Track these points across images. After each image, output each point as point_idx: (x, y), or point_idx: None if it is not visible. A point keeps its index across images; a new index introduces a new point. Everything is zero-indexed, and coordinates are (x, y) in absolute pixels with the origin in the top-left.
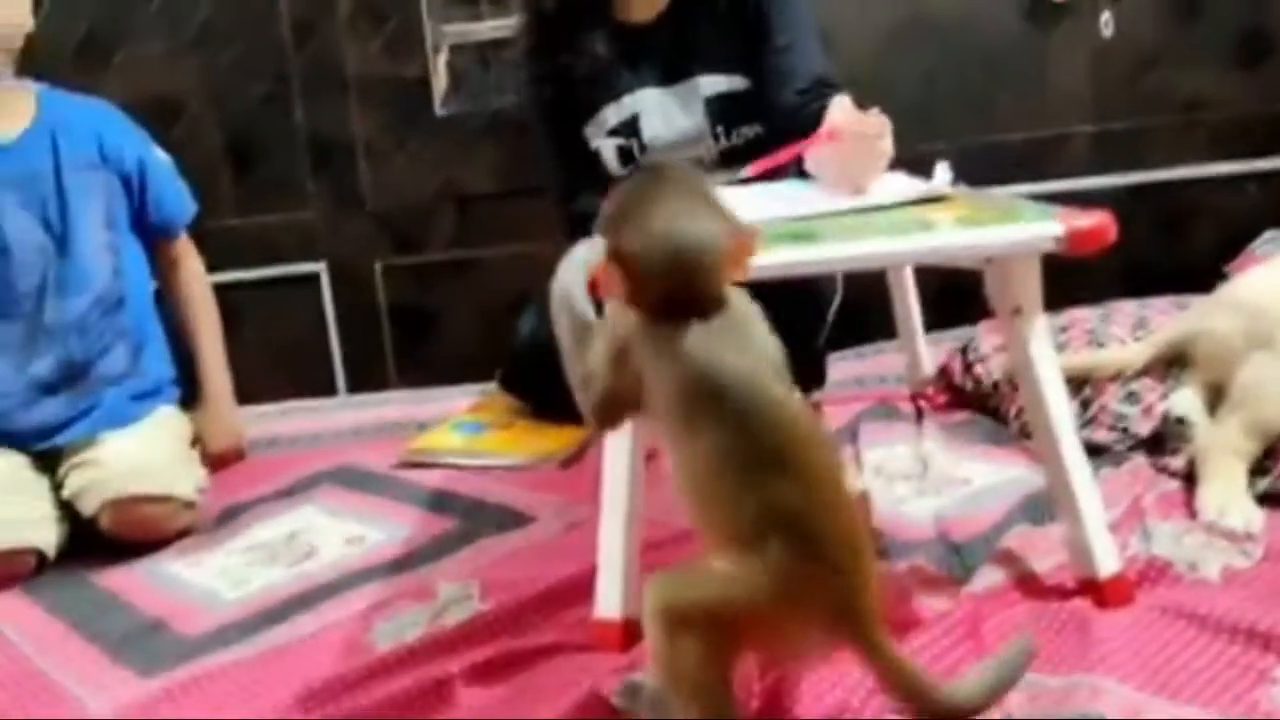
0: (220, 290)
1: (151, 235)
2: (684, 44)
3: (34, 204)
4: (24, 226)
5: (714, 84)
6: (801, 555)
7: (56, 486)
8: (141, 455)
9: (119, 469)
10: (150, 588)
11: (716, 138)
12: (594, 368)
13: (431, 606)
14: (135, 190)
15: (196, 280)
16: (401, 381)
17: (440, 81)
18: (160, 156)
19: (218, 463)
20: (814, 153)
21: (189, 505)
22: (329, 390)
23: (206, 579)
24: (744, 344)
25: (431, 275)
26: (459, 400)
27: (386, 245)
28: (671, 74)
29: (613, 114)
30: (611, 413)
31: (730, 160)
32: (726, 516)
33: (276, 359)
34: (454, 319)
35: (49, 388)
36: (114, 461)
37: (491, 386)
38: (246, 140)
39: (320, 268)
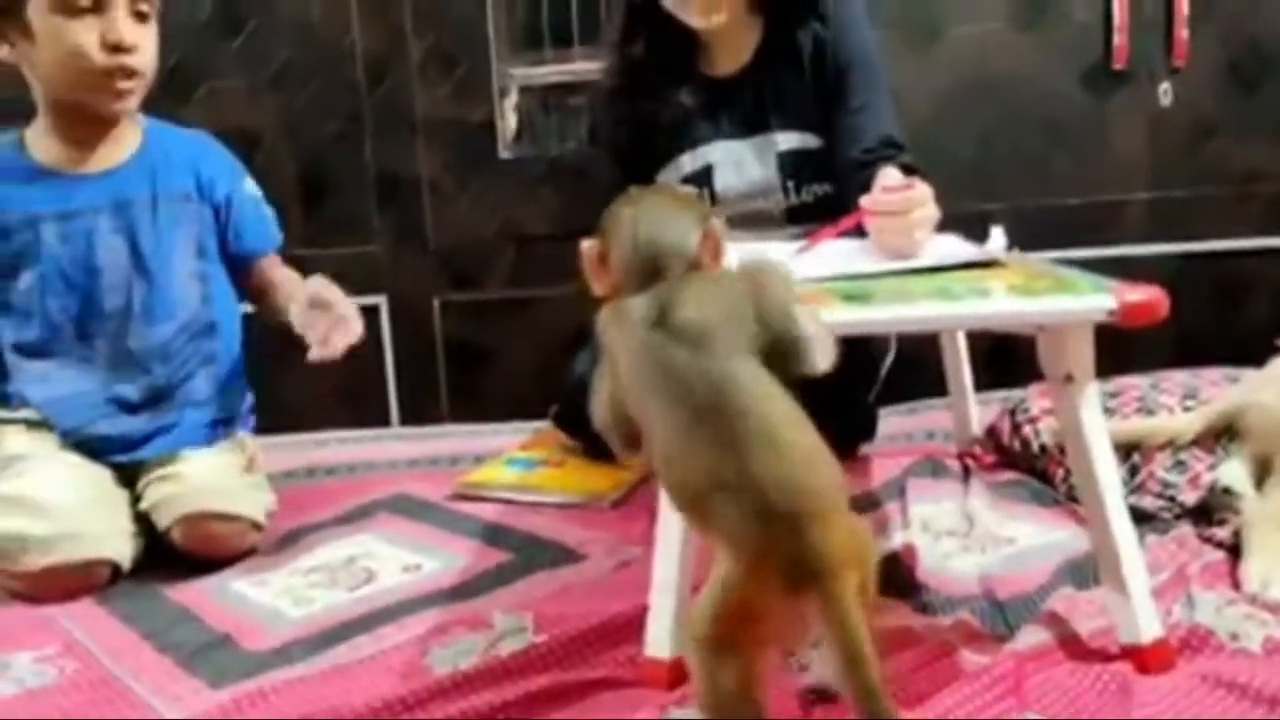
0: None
1: (237, 264)
2: (763, 99)
3: (127, 230)
4: (115, 250)
5: (789, 140)
6: (748, 518)
7: (134, 500)
8: (217, 475)
9: (195, 486)
10: (217, 603)
11: (786, 193)
12: (597, 384)
13: (486, 636)
14: (223, 221)
15: (291, 277)
16: (453, 416)
17: (506, 124)
18: (249, 190)
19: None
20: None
21: (256, 526)
22: (382, 420)
23: (270, 598)
24: (701, 298)
25: (488, 312)
26: (511, 436)
27: (445, 282)
28: (748, 127)
29: (688, 162)
30: (622, 427)
31: (798, 216)
32: (685, 497)
33: (333, 387)
34: (507, 356)
35: (131, 407)
36: (191, 478)
37: (544, 424)
38: (318, 175)
39: (381, 300)
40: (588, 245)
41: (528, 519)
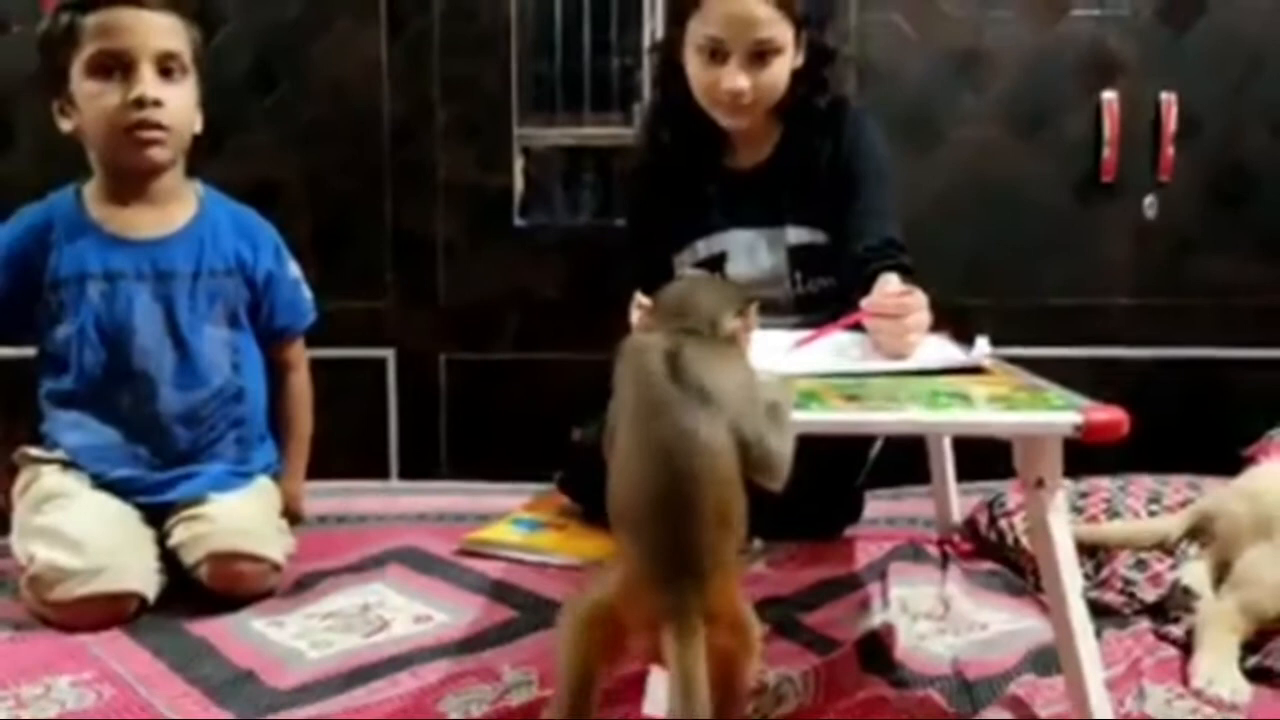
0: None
1: (268, 338)
2: (778, 195)
3: (165, 300)
4: (152, 316)
5: (799, 234)
6: (653, 550)
7: (159, 537)
8: (245, 516)
9: (225, 526)
10: (237, 640)
11: (794, 283)
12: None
13: (495, 687)
14: (260, 296)
15: (301, 389)
16: (452, 472)
17: (517, 184)
18: (290, 271)
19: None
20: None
21: (276, 568)
22: (382, 472)
23: (288, 639)
24: (730, 365)
25: (492, 373)
26: (512, 497)
27: (453, 340)
28: (762, 219)
29: (703, 247)
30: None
31: (804, 305)
32: (617, 507)
33: (336, 436)
34: (508, 417)
35: (154, 465)
36: (220, 519)
37: (547, 487)
38: (336, 230)
39: (389, 354)
40: (641, 299)
41: (532, 578)
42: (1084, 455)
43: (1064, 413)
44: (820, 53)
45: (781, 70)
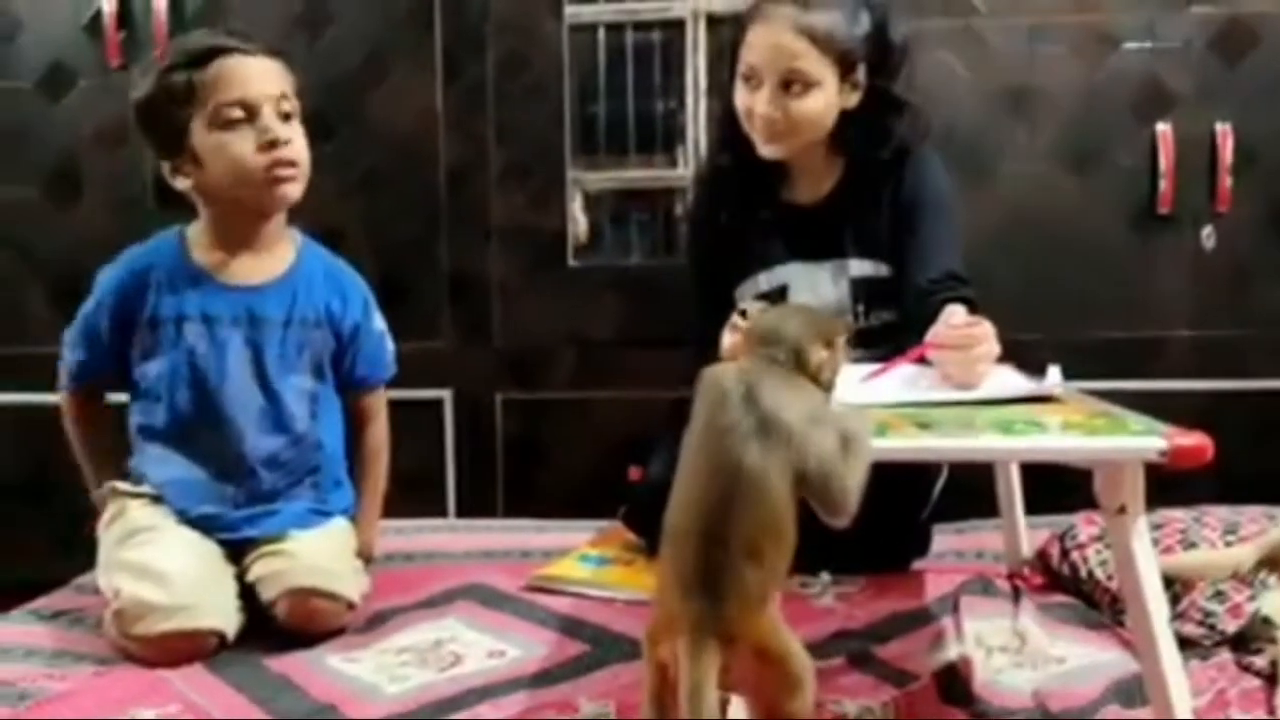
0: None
1: (348, 387)
2: (840, 228)
3: (256, 345)
4: (243, 360)
5: (861, 268)
6: (689, 570)
7: (239, 574)
8: (323, 553)
9: (304, 564)
10: (316, 676)
11: (857, 317)
12: None
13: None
14: (346, 346)
15: (378, 440)
16: (508, 511)
17: (577, 227)
18: (375, 324)
19: None
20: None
21: (351, 606)
22: (439, 511)
23: (366, 674)
24: (806, 400)
25: (547, 412)
26: (573, 533)
27: (509, 380)
28: (824, 252)
29: (765, 280)
30: None
31: (866, 339)
32: (669, 525)
33: (394, 475)
34: (564, 455)
35: (237, 503)
36: (300, 556)
37: (610, 523)
38: (394, 273)
39: (446, 395)
40: (737, 320)
41: (600, 613)
42: (1153, 488)
43: (1147, 438)
44: (885, 101)
45: (816, 104)
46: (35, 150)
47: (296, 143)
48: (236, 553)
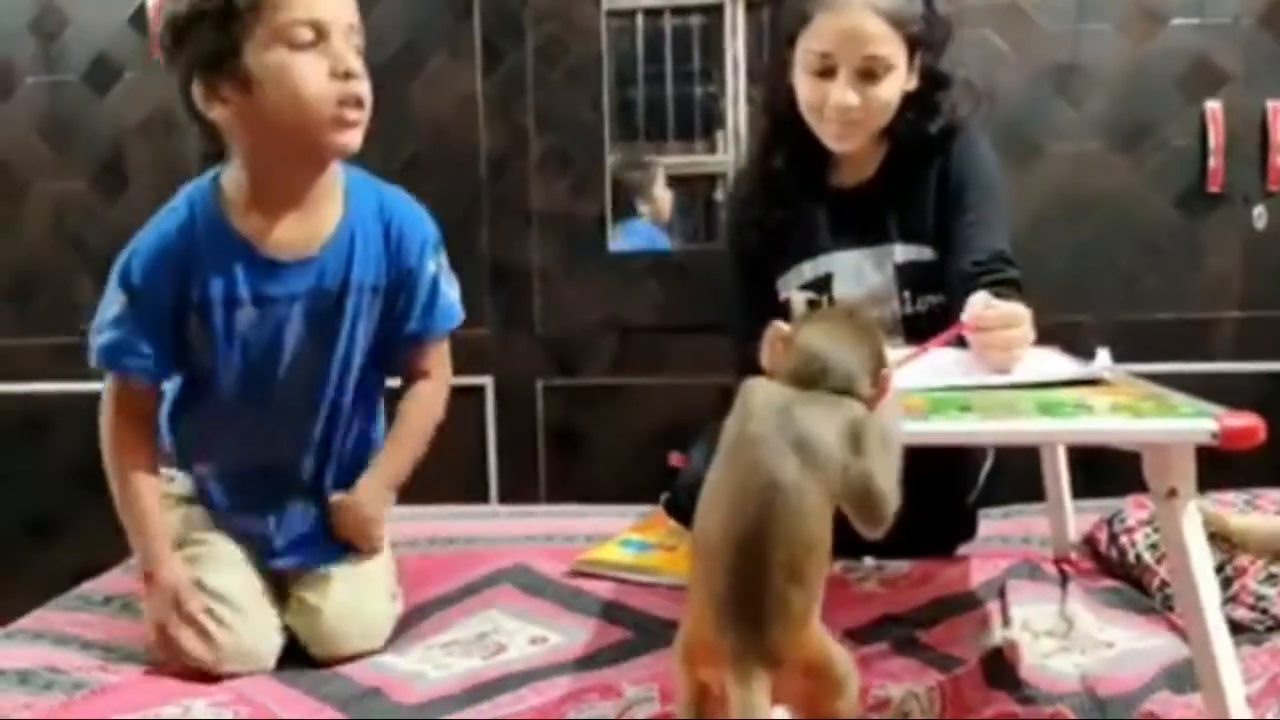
0: (398, 393)
1: (402, 345)
2: (884, 212)
3: (317, 319)
4: (300, 339)
5: (906, 252)
6: (723, 590)
7: (281, 595)
8: (358, 609)
9: (336, 627)
10: (360, 666)
11: (903, 302)
12: None
13: (617, 704)
14: (406, 298)
15: (427, 395)
16: (550, 497)
17: (658, 207)
18: (430, 270)
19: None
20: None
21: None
22: (482, 497)
23: (410, 664)
24: (815, 414)
25: (589, 398)
26: (612, 519)
27: (550, 366)
28: (869, 238)
29: (809, 269)
30: None
31: (913, 324)
32: (697, 535)
33: (436, 462)
34: (605, 442)
35: (278, 500)
36: (332, 614)
37: (649, 509)
38: None
39: (488, 381)
40: (776, 329)
41: (643, 598)
42: (1205, 471)
43: (1198, 419)
44: (934, 78)
45: (892, 90)
46: (82, 142)
47: (366, 83)
48: (279, 583)
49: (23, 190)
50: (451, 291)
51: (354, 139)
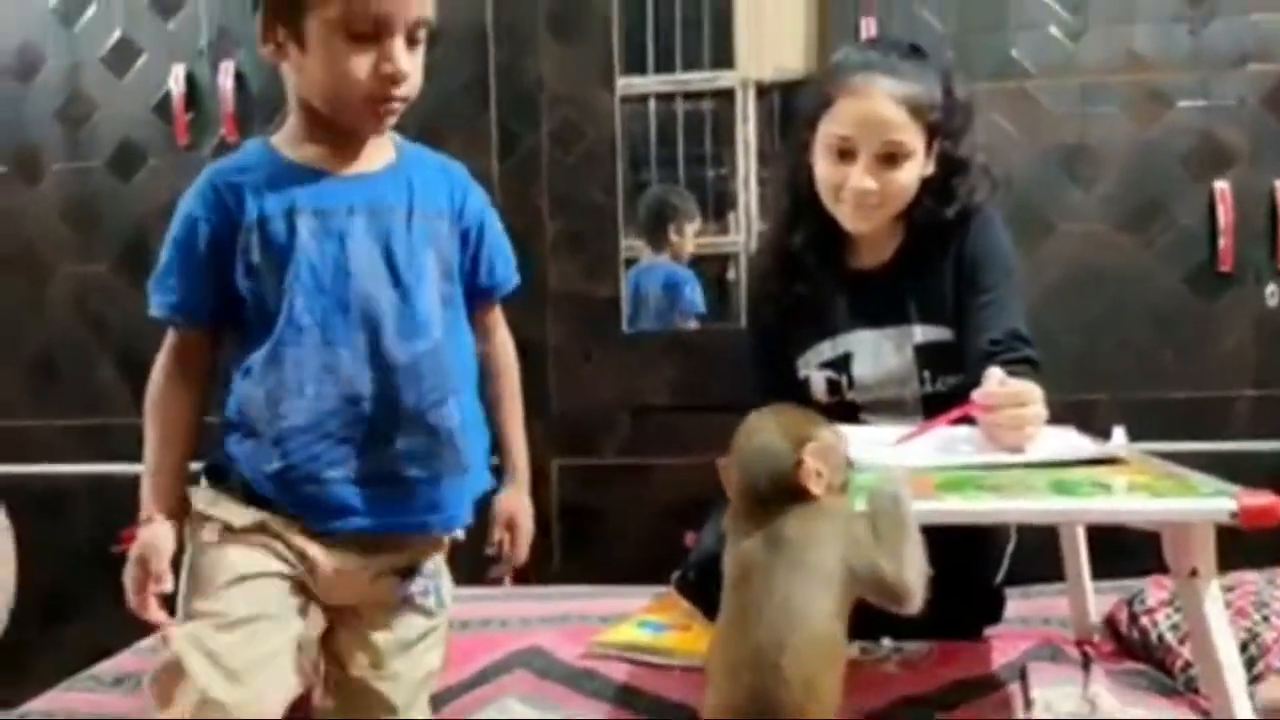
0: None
1: (474, 298)
2: (903, 292)
3: (382, 236)
4: (369, 255)
5: (926, 333)
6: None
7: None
8: (396, 693)
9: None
10: None
11: (923, 382)
12: None
13: None
14: (472, 246)
15: (506, 350)
16: (564, 577)
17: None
18: (497, 223)
19: (515, 540)
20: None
21: None
22: (495, 577)
23: None
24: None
25: (604, 478)
26: (627, 600)
27: (564, 446)
28: (887, 318)
29: (828, 349)
30: None
31: (933, 404)
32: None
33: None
34: (620, 521)
35: (370, 437)
36: (368, 688)
37: (663, 589)
38: None
39: None
40: (723, 461)
41: (658, 681)
42: (1224, 551)
43: (1216, 499)
44: (952, 164)
45: (910, 175)
46: (106, 227)
47: (414, 77)
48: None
49: (47, 273)
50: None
51: (386, 125)
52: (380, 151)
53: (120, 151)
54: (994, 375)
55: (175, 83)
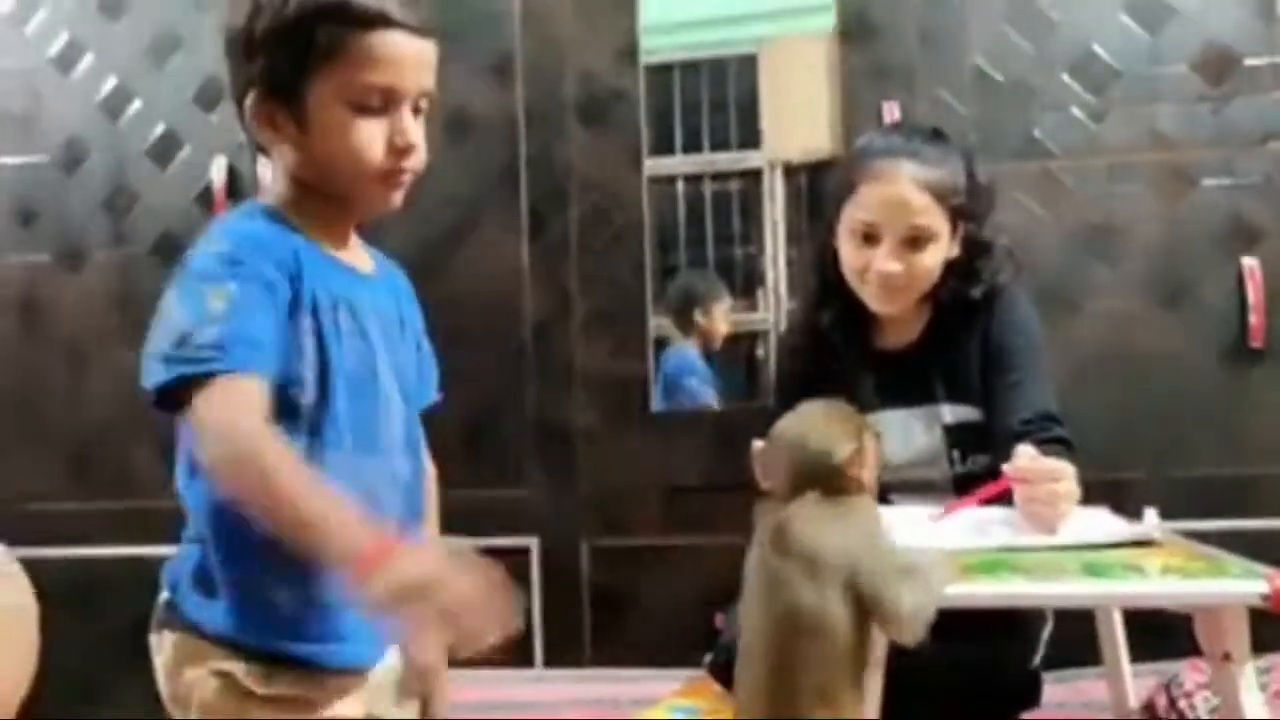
0: None
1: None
2: (931, 374)
3: (391, 344)
4: (384, 362)
5: (955, 413)
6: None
7: None
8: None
9: None
10: None
11: (952, 462)
12: None
13: None
14: (420, 363)
15: (431, 467)
16: (595, 659)
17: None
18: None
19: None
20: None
21: None
22: (526, 659)
23: None
24: (846, 523)
25: (634, 559)
26: (658, 684)
27: (595, 527)
28: (915, 398)
29: None
30: None
31: (963, 484)
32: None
33: None
34: (652, 603)
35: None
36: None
37: (694, 672)
38: (482, 422)
39: (533, 542)
40: (759, 446)
41: None
42: (1259, 631)
43: (1248, 581)
44: (976, 246)
45: (934, 258)
46: (147, 314)
47: (422, 149)
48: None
49: (88, 359)
50: None
51: (397, 200)
52: (357, 245)
53: (162, 240)
54: (1025, 452)
55: (217, 174)
